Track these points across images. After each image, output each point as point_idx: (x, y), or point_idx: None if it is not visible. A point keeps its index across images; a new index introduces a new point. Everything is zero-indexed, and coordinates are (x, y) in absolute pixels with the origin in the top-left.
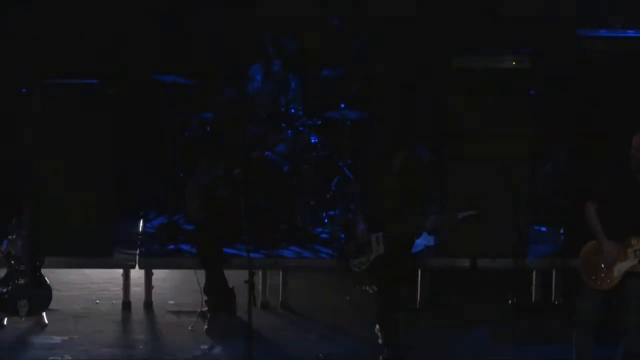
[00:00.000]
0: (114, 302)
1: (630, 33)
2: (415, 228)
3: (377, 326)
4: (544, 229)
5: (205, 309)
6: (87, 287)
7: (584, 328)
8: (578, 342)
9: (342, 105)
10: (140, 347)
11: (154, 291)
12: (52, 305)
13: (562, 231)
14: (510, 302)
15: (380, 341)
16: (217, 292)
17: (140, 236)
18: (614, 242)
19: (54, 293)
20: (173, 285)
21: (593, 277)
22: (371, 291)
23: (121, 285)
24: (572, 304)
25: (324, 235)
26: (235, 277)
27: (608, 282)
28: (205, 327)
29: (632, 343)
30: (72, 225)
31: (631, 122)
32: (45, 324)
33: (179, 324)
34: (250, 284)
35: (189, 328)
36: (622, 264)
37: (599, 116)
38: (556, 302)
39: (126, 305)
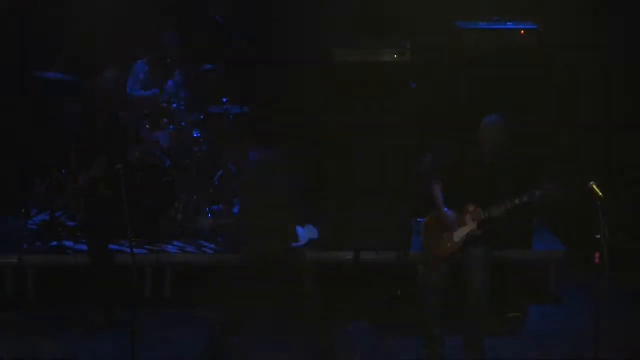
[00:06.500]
0: None
1: (510, 25)
2: None
3: None
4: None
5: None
6: None
7: (433, 296)
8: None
9: (225, 100)
10: None
11: None
12: None
13: None
14: (395, 295)
15: None
16: (107, 288)
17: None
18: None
19: None
20: None
21: (435, 246)
22: None
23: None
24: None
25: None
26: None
27: (449, 246)
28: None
29: (473, 311)
30: None
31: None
32: None
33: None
34: (136, 279)
35: None
36: (461, 229)
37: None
38: None
39: None
